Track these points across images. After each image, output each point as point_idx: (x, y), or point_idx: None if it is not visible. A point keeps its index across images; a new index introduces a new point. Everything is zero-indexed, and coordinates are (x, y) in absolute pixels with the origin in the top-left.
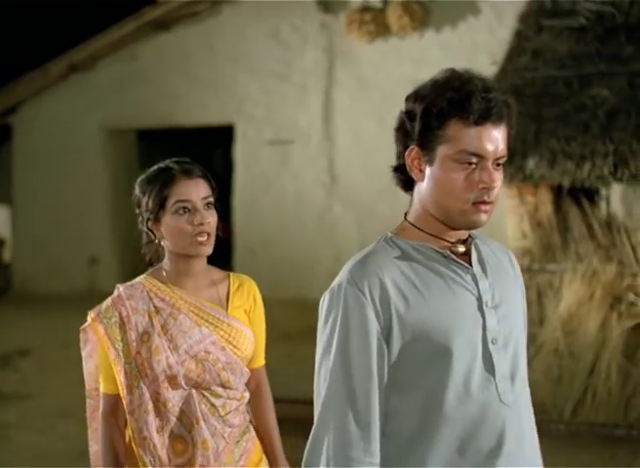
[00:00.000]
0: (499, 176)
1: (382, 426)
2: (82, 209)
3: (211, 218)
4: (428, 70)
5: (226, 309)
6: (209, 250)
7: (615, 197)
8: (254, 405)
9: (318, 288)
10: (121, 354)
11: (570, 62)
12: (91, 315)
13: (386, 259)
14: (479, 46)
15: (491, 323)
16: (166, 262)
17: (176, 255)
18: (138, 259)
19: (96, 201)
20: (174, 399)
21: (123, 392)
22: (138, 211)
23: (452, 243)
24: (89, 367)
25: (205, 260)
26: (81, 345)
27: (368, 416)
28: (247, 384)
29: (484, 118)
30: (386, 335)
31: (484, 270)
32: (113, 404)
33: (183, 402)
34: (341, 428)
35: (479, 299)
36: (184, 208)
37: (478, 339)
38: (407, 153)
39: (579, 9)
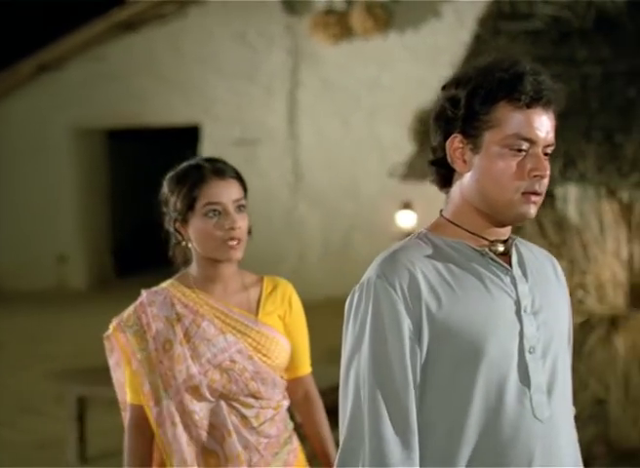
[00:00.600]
0: (548, 166)
1: None
2: (51, 207)
3: (242, 222)
4: (391, 72)
5: (256, 315)
6: (239, 254)
7: (566, 197)
8: (304, 415)
9: None
10: (144, 364)
11: None
12: (113, 323)
13: (419, 255)
14: (441, 48)
15: (529, 330)
16: (193, 266)
17: (204, 259)
18: (106, 258)
19: (64, 199)
20: (201, 411)
21: (149, 404)
22: (165, 209)
23: (491, 241)
24: (118, 377)
25: (236, 264)
26: (107, 354)
27: (406, 422)
28: (294, 393)
29: (536, 100)
30: (418, 334)
31: (524, 273)
32: (139, 415)
33: (212, 414)
34: (378, 436)
35: (517, 304)
36: (215, 210)
37: (514, 347)
38: (449, 142)
39: (536, 13)
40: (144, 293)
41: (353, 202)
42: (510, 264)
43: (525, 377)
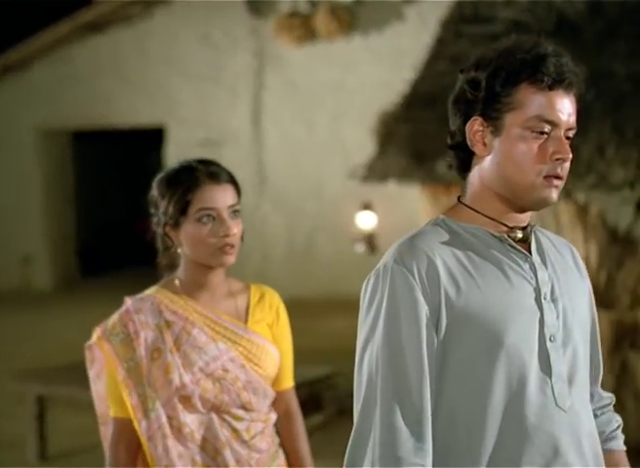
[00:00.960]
0: (569, 149)
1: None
2: (15, 208)
3: (237, 229)
4: (355, 74)
5: (246, 323)
6: (232, 260)
7: None
8: (284, 430)
9: None
10: (132, 374)
11: None
12: (97, 332)
13: (437, 241)
14: (404, 50)
15: (549, 317)
16: (181, 271)
17: (194, 265)
18: (71, 258)
19: (29, 200)
20: (192, 424)
21: (137, 416)
22: (153, 211)
23: (510, 228)
24: (98, 389)
25: (224, 271)
26: (87, 365)
27: (420, 412)
28: (275, 407)
29: (558, 82)
30: (435, 321)
31: (543, 260)
32: (123, 429)
33: (203, 427)
34: (389, 425)
35: (537, 291)
36: (209, 216)
37: (535, 334)
38: (469, 125)
39: (497, 16)
40: (129, 301)
41: (317, 203)
42: (530, 251)
43: (547, 366)
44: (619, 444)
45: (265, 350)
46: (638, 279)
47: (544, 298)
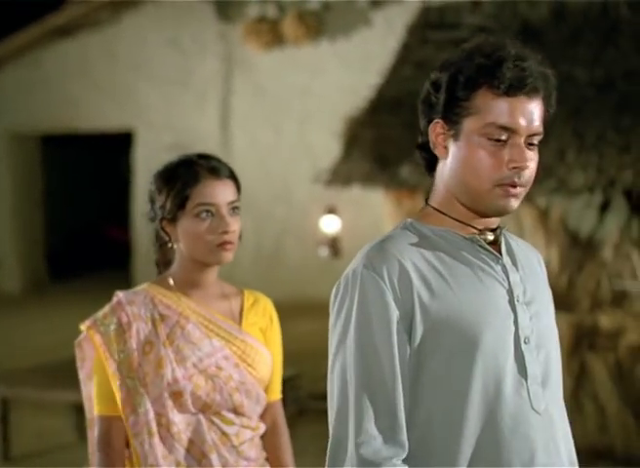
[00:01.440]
0: (532, 156)
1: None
2: None
3: (236, 226)
4: (323, 79)
5: (240, 324)
6: (230, 257)
7: None
8: (269, 443)
9: None
10: (122, 367)
11: None
12: (85, 324)
13: (406, 244)
14: (372, 55)
15: (523, 320)
16: (175, 268)
17: (189, 262)
18: (40, 262)
19: None
20: (180, 423)
21: (125, 412)
22: (150, 206)
23: (479, 230)
24: (89, 390)
25: (217, 271)
26: (78, 364)
27: (393, 417)
28: (262, 419)
29: (517, 88)
30: (408, 325)
31: (514, 263)
32: (109, 428)
33: (191, 428)
34: (364, 431)
35: (510, 293)
36: (207, 211)
37: (510, 336)
38: (431, 127)
39: (463, 22)
40: (121, 293)
41: (285, 207)
42: (500, 253)
43: (522, 368)
44: None
45: (259, 352)
46: (598, 282)
47: (517, 300)
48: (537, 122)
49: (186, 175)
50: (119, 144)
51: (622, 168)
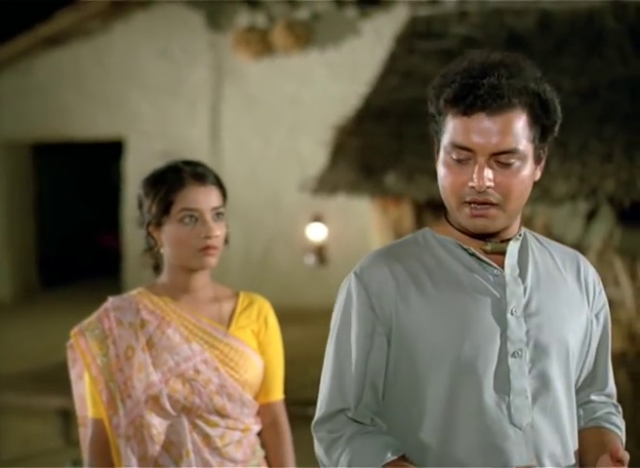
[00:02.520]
0: (505, 173)
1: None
2: None
3: (219, 231)
4: (312, 88)
5: (227, 328)
6: (213, 262)
7: None
8: (269, 443)
9: None
10: (104, 371)
11: None
12: (74, 329)
13: (408, 251)
14: (360, 65)
15: (515, 333)
16: (164, 273)
17: (175, 267)
18: (31, 269)
19: None
20: (160, 425)
21: (107, 414)
22: (139, 211)
23: (487, 240)
24: (79, 390)
25: (208, 275)
26: (69, 365)
27: (355, 405)
28: (261, 418)
29: (471, 107)
30: (388, 331)
31: (522, 274)
32: (101, 431)
33: (171, 430)
34: (326, 407)
35: (503, 305)
36: (191, 216)
37: (493, 349)
38: (435, 140)
39: (450, 32)
40: (110, 299)
41: (274, 215)
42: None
43: (505, 382)
44: (598, 423)
45: (245, 356)
46: None
47: (512, 313)
48: (501, 138)
49: (172, 180)
50: (110, 152)
51: (605, 177)
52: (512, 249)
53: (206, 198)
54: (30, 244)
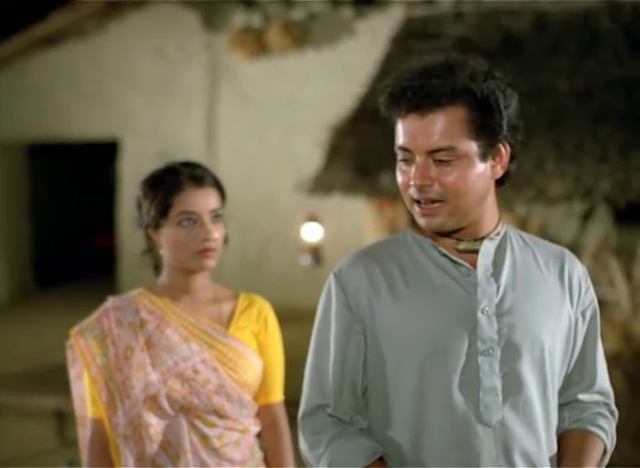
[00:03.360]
0: (447, 170)
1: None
2: None
3: (218, 233)
4: (307, 88)
5: (227, 328)
6: (212, 263)
7: None
8: (269, 444)
9: None
10: (103, 371)
11: None
12: (74, 329)
13: (386, 251)
14: (356, 65)
15: (486, 331)
16: (164, 274)
17: (175, 268)
18: (27, 270)
19: None
20: (158, 425)
21: (107, 413)
22: (138, 212)
23: (461, 239)
24: (78, 389)
25: (208, 276)
26: (69, 364)
27: (333, 400)
28: (261, 419)
29: (407, 109)
30: (364, 329)
31: (497, 273)
32: (101, 430)
33: (169, 430)
34: (308, 403)
35: (474, 304)
36: (189, 219)
37: (463, 348)
38: None
39: (445, 33)
40: (110, 299)
41: (269, 215)
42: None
43: (475, 379)
44: (582, 425)
45: (244, 356)
46: None
47: (483, 312)
48: (435, 138)
49: (170, 183)
50: (105, 153)
51: (601, 177)
52: (486, 248)
53: (204, 201)
54: (26, 244)
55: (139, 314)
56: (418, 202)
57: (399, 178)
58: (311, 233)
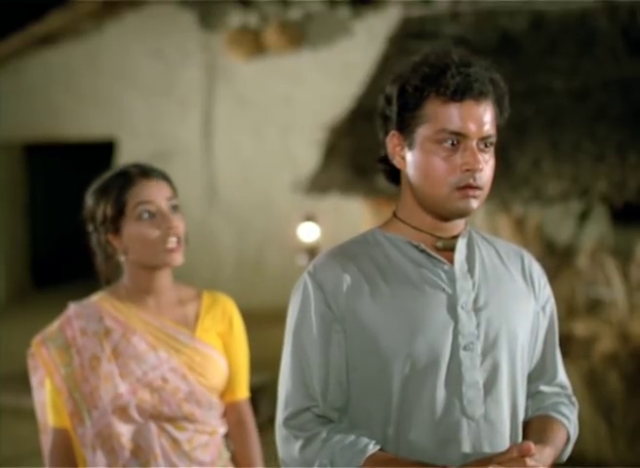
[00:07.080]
0: (486, 159)
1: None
2: None
3: (179, 222)
4: (304, 87)
5: (193, 331)
6: (180, 259)
7: None
8: (236, 441)
9: None
10: (67, 381)
11: None
12: (36, 339)
13: (358, 251)
14: (353, 65)
15: (466, 327)
16: (126, 278)
17: (137, 269)
18: (24, 270)
19: None
20: (128, 432)
21: (73, 424)
22: (91, 226)
23: (438, 237)
24: (40, 397)
25: (170, 275)
26: (30, 372)
27: (316, 399)
28: (227, 418)
29: (463, 93)
30: (343, 330)
31: (470, 269)
32: (63, 440)
33: (139, 436)
34: (288, 408)
35: (454, 300)
36: (148, 211)
37: (446, 343)
38: (388, 139)
39: (442, 33)
40: (72, 306)
41: (266, 216)
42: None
43: (458, 374)
44: (545, 412)
45: (212, 360)
46: (573, 290)
47: (462, 307)
48: (487, 125)
49: (120, 181)
50: (103, 153)
51: (598, 177)
52: (461, 245)
53: (157, 190)
54: (23, 244)
55: (103, 321)
56: (462, 187)
57: (442, 164)
58: (308, 233)
